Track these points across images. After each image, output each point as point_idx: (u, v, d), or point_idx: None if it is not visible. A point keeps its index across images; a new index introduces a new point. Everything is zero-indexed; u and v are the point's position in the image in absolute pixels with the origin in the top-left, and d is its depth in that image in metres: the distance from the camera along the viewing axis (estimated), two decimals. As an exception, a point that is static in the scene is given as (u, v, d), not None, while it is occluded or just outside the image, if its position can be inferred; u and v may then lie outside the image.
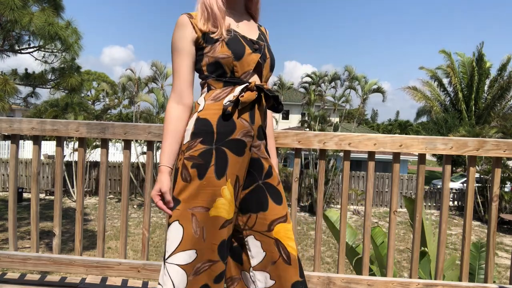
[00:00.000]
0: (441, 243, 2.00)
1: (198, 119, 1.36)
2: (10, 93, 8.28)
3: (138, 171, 15.43)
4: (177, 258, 1.32)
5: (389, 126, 57.42)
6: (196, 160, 1.32)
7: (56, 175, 2.09)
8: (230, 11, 1.46)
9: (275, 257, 1.41)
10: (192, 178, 1.31)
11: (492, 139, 1.96)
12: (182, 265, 1.32)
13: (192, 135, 1.34)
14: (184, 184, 1.32)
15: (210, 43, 1.39)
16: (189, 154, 1.33)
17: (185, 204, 1.31)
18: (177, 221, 1.33)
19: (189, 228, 1.31)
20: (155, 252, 9.21)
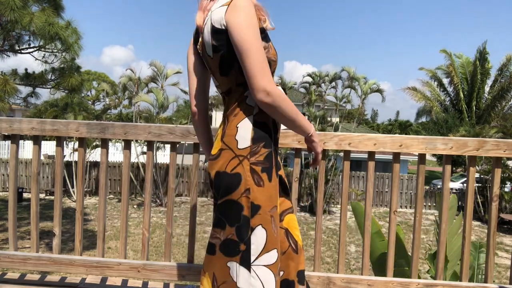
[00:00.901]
0: (441, 243, 2.00)
1: (256, 123, 1.35)
2: (10, 93, 8.28)
3: (138, 171, 15.43)
4: (264, 259, 1.34)
5: (389, 126, 57.43)
6: (263, 164, 1.34)
7: (56, 175, 2.09)
8: None
9: (285, 247, 1.47)
10: (264, 182, 1.33)
11: (492, 139, 1.96)
12: (269, 265, 1.34)
13: (252, 140, 1.34)
14: (260, 188, 1.33)
15: (266, 40, 1.37)
16: (255, 159, 1.33)
17: (265, 208, 1.33)
18: (260, 225, 1.34)
19: (270, 230, 1.34)
20: (155, 252, 9.21)
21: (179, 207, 14.39)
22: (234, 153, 1.34)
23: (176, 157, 2.08)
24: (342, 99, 16.08)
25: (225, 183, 1.34)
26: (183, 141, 2.05)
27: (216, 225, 1.40)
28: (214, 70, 1.41)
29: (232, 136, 1.35)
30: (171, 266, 2.01)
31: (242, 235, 1.33)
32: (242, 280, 1.33)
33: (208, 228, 11.17)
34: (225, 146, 1.36)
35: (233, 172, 1.33)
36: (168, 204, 2.07)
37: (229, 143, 1.35)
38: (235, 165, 1.33)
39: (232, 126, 1.36)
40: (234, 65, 1.35)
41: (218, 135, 1.42)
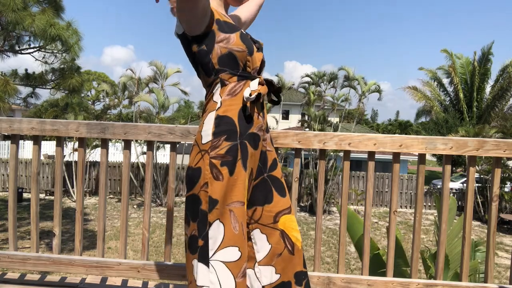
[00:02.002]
0: (441, 243, 2.00)
1: (218, 117, 1.35)
2: (11, 93, 8.28)
3: (138, 171, 15.43)
4: (222, 255, 1.31)
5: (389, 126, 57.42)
6: (224, 158, 1.32)
7: (56, 175, 2.09)
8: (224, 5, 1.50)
9: (281, 249, 1.44)
10: (223, 176, 1.31)
11: (492, 139, 1.96)
12: (227, 262, 1.31)
13: (214, 134, 1.33)
14: (218, 182, 1.31)
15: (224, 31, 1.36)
16: (215, 153, 1.32)
17: (222, 202, 1.32)
18: (217, 220, 1.32)
19: (228, 225, 1.32)
20: (155, 252, 9.20)
21: (179, 207, 14.39)
22: (199, 148, 1.36)
23: (176, 157, 2.08)
24: (339, 98, 16.08)
25: (189, 177, 1.36)
26: (183, 141, 2.05)
27: (184, 220, 1.41)
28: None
29: (200, 132, 1.38)
30: (171, 266, 2.01)
31: (201, 230, 1.32)
32: (201, 277, 1.30)
33: (208, 228, 11.18)
34: (194, 142, 1.40)
35: (195, 167, 1.35)
36: (168, 204, 2.07)
37: (197, 139, 1.38)
38: (198, 160, 1.34)
39: (201, 122, 1.40)
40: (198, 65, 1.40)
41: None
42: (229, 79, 1.37)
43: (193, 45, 1.36)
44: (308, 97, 16.25)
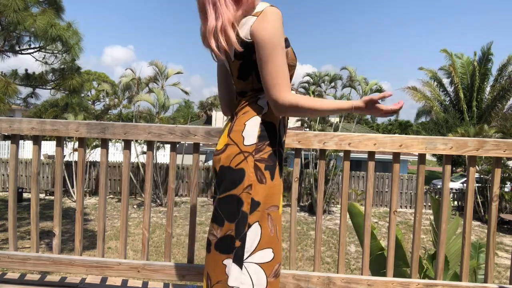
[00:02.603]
0: (441, 243, 2.00)
1: (264, 122, 1.39)
2: (11, 95, 8.28)
3: (138, 171, 15.43)
4: (257, 257, 1.35)
5: (389, 126, 57.43)
6: (267, 162, 1.37)
7: (56, 175, 2.09)
8: None
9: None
10: (266, 179, 1.36)
11: (492, 139, 1.96)
12: (260, 263, 1.35)
13: (259, 138, 1.37)
14: (261, 185, 1.35)
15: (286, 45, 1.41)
16: (259, 156, 1.36)
17: (263, 205, 1.36)
18: (257, 222, 1.35)
19: (266, 228, 1.36)
20: (155, 252, 9.20)
21: (179, 207, 14.39)
22: (240, 149, 1.36)
23: (176, 157, 2.08)
24: (341, 99, 16.07)
25: (228, 178, 1.36)
26: (183, 141, 2.05)
27: (213, 220, 1.41)
28: (234, 74, 1.44)
29: (239, 132, 1.38)
30: (171, 266, 2.01)
31: (239, 230, 1.34)
32: (232, 278, 1.33)
33: (208, 228, 11.17)
34: (231, 142, 1.38)
35: (237, 168, 1.35)
36: (168, 204, 2.08)
37: (236, 139, 1.38)
38: (239, 161, 1.35)
39: (241, 122, 1.39)
40: (252, 72, 1.40)
41: (225, 131, 1.44)
42: None
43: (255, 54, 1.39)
44: (308, 97, 16.20)
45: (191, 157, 2.10)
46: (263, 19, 1.33)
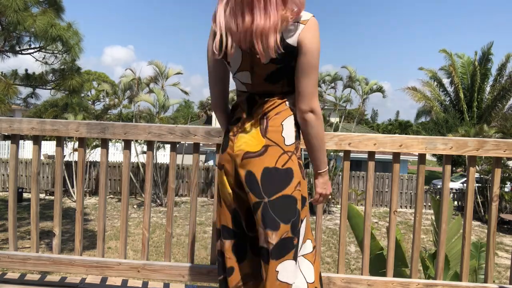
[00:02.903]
0: (441, 243, 2.00)
1: (296, 122, 1.43)
2: (11, 96, 8.29)
3: (138, 170, 15.43)
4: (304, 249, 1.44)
5: (389, 126, 57.40)
6: (300, 160, 1.44)
7: (56, 175, 2.09)
8: None
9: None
10: (304, 176, 1.44)
11: (492, 139, 1.96)
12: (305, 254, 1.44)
13: (295, 137, 1.42)
14: (304, 181, 1.43)
15: None
16: (298, 154, 1.44)
17: (307, 200, 1.46)
18: (306, 217, 1.44)
19: (307, 221, 1.46)
20: (155, 252, 9.20)
21: (179, 207, 14.39)
22: (283, 149, 1.38)
23: (176, 157, 2.08)
24: (341, 99, 16.07)
25: (277, 178, 1.36)
26: (183, 141, 2.05)
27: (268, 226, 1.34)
28: (259, 75, 1.39)
29: (279, 133, 1.39)
30: (171, 266, 2.01)
31: (295, 228, 1.36)
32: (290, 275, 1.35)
33: (208, 228, 11.18)
34: (271, 143, 1.38)
35: (284, 167, 1.37)
36: (168, 204, 2.08)
37: (276, 139, 1.38)
38: (285, 161, 1.37)
39: (277, 123, 1.39)
40: (284, 78, 1.40)
41: (254, 132, 1.40)
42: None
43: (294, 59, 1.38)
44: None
45: (191, 157, 2.10)
46: (311, 28, 1.33)
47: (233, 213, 1.46)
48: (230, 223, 1.47)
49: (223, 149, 1.47)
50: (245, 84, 1.44)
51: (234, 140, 1.42)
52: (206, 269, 2.00)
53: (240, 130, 1.43)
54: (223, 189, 1.47)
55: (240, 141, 1.41)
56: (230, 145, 1.43)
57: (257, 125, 1.41)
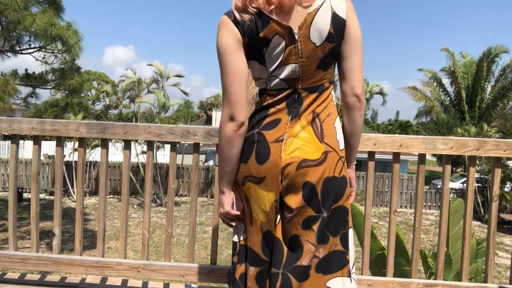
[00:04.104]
0: (441, 243, 2.00)
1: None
2: (11, 93, 8.29)
3: (138, 170, 15.43)
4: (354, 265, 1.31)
5: (389, 126, 57.37)
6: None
7: (56, 175, 2.09)
8: None
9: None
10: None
11: (492, 139, 1.96)
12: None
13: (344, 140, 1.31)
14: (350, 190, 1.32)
15: None
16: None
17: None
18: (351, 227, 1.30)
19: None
20: (155, 252, 9.20)
21: (179, 207, 14.39)
22: (338, 155, 1.24)
23: (176, 157, 2.08)
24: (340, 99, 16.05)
25: (335, 188, 1.22)
26: (183, 141, 2.05)
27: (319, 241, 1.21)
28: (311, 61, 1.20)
29: (334, 137, 1.25)
30: (171, 266, 2.01)
31: (346, 241, 1.23)
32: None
33: (208, 228, 11.17)
34: (330, 149, 1.22)
35: (341, 175, 1.24)
36: (168, 204, 2.07)
37: (334, 145, 1.24)
38: (341, 168, 1.24)
39: (331, 126, 1.24)
40: (335, 61, 1.26)
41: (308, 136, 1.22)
42: None
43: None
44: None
45: (191, 157, 2.10)
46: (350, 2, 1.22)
47: (265, 236, 1.26)
48: (259, 249, 1.27)
49: (262, 158, 1.22)
50: (287, 80, 1.23)
51: (281, 147, 1.20)
52: (206, 269, 2.00)
53: (286, 134, 1.22)
54: (258, 208, 1.25)
55: (291, 148, 1.20)
56: (274, 153, 1.20)
57: (309, 128, 1.23)
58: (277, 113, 1.24)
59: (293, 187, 1.20)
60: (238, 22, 1.19)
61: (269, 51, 1.19)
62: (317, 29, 1.17)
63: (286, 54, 1.19)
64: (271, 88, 1.25)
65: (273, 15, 1.16)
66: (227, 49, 1.20)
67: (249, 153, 1.24)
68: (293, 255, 1.22)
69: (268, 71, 1.23)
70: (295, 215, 1.22)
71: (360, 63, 1.22)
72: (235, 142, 1.22)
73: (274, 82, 1.24)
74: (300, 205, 1.20)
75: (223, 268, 1.99)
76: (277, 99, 1.24)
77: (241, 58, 1.21)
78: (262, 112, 1.27)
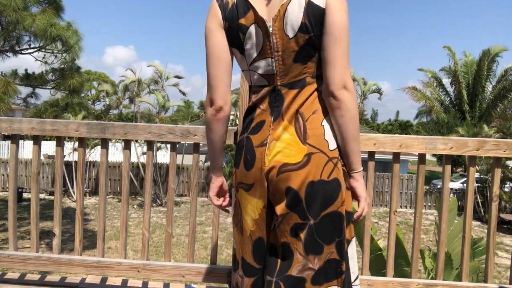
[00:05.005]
0: (441, 243, 2.00)
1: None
2: (11, 94, 8.30)
3: (138, 171, 15.43)
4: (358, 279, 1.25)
5: (389, 126, 57.36)
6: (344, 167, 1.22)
7: (56, 175, 2.09)
8: None
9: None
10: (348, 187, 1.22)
11: (492, 139, 1.96)
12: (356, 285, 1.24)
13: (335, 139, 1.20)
14: (348, 192, 1.20)
15: None
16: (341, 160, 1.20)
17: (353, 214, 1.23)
18: (354, 237, 1.23)
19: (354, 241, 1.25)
20: (155, 252, 9.20)
21: (179, 207, 14.39)
22: (328, 156, 1.13)
23: (176, 157, 2.08)
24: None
25: (322, 193, 1.12)
26: (183, 141, 2.05)
27: (309, 251, 1.13)
28: (286, 55, 1.14)
29: (321, 136, 1.15)
30: (171, 266, 2.01)
31: (342, 250, 1.14)
32: None
33: (208, 228, 11.17)
34: (314, 150, 1.13)
35: (331, 179, 1.13)
36: (168, 204, 2.07)
37: (320, 145, 1.14)
38: (331, 170, 1.13)
39: (317, 125, 1.15)
40: (315, 54, 1.14)
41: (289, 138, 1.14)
42: None
43: None
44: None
45: (191, 157, 2.10)
46: None
47: (256, 244, 1.21)
48: (251, 258, 1.22)
49: (248, 164, 1.18)
50: (266, 76, 1.18)
51: (264, 152, 1.15)
52: (206, 269, 2.00)
53: (269, 137, 1.16)
54: (246, 215, 1.21)
55: (273, 152, 1.14)
56: (259, 158, 1.15)
57: (291, 128, 1.15)
58: (262, 114, 1.19)
59: (277, 193, 1.15)
60: (222, 5, 1.18)
61: (246, 40, 1.16)
62: (289, 20, 1.11)
63: (262, 47, 1.15)
64: (254, 84, 1.23)
65: (254, 3, 1.14)
66: (208, 31, 1.19)
67: (239, 159, 1.22)
68: (285, 264, 1.16)
69: (248, 62, 1.20)
70: (280, 222, 1.16)
71: (339, 56, 1.11)
72: (214, 126, 1.22)
73: (255, 77, 1.21)
74: (284, 212, 1.14)
75: (223, 268, 2.00)
76: (260, 97, 1.20)
77: (221, 41, 1.18)
78: (249, 114, 1.23)
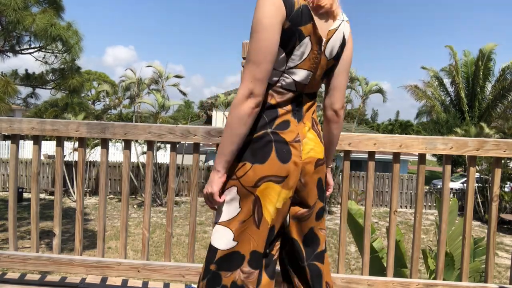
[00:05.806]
0: (441, 243, 2.00)
1: None
2: (11, 95, 8.30)
3: (138, 170, 15.43)
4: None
5: (390, 126, 57.36)
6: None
7: (56, 175, 2.09)
8: None
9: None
10: None
11: (492, 139, 1.96)
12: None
13: None
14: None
15: None
16: None
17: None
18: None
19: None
20: (155, 252, 9.20)
21: (179, 207, 14.39)
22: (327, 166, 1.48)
23: (176, 157, 2.08)
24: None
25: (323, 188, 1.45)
26: (183, 141, 2.05)
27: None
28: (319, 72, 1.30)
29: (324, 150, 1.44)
30: (171, 266, 2.01)
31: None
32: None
33: (208, 228, 11.18)
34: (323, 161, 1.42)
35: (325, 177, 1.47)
36: (168, 204, 2.07)
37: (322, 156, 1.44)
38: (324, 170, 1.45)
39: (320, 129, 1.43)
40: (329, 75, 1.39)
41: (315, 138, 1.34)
42: None
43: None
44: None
45: (191, 157, 2.10)
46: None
47: (270, 232, 1.29)
48: (262, 246, 1.27)
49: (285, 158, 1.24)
50: (298, 84, 1.27)
51: (300, 147, 1.27)
52: (206, 269, 2.00)
53: (300, 135, 1.29)
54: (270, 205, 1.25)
55: (307, 148, 1.29)
56: (295, 152, 1.25)
57: (312, 130, 1.34)
58: (285, 115, 1.28)
59: (308, 184, 1.33)
60: (288, 4, 1.17)
61: (298, 47, 1.22)
62: (331, 45, 1.29)
63: (308, 59, 1.25)
64: (281, 86, 1.26)
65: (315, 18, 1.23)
66: (270, 25, 1.16)
67: (267, 153, 1.23)
68: (311, 247, 1.38)
69: (287, 65, 1.24)
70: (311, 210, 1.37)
71: (344, 83, 1.38)
72: (249, 120, 1.19)
73: (287, 81, 1.26)
74: (315, 200, 1.36)
75: (223, 268, 1.99)
76: (285, 100, 1.27)
77: (278, 37, 1.18)
78: (270, 112, 1.26)
